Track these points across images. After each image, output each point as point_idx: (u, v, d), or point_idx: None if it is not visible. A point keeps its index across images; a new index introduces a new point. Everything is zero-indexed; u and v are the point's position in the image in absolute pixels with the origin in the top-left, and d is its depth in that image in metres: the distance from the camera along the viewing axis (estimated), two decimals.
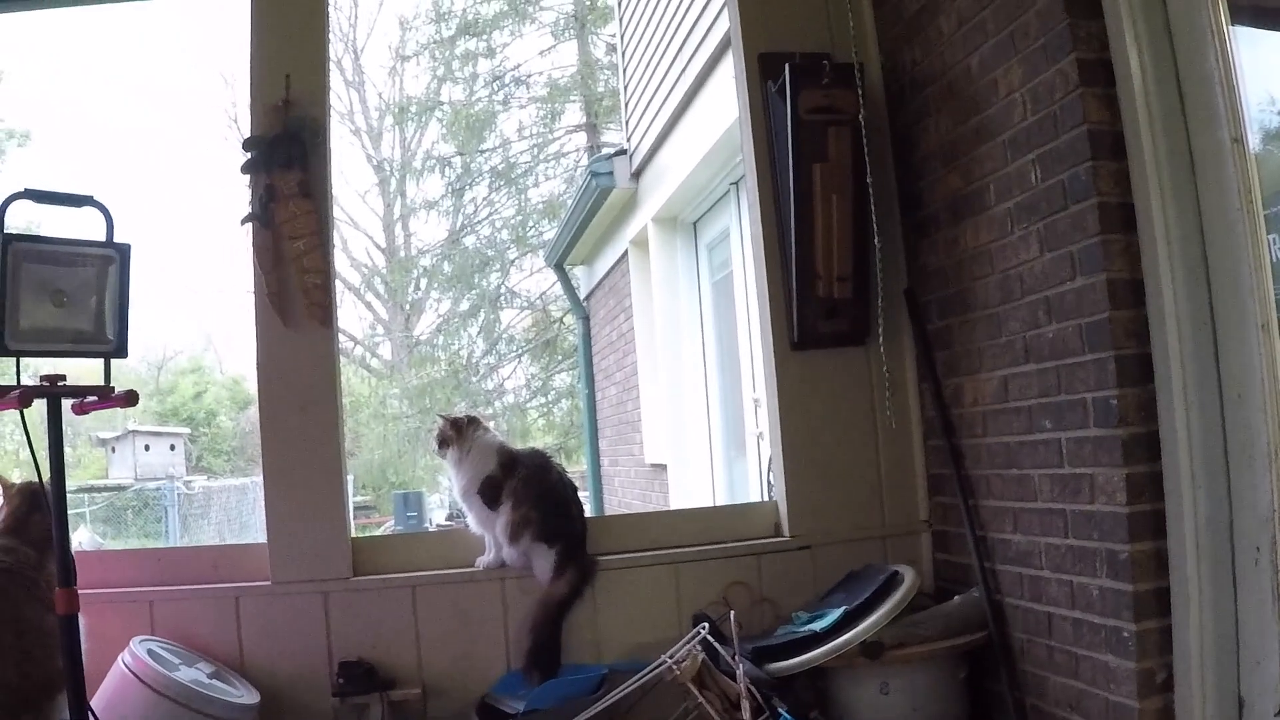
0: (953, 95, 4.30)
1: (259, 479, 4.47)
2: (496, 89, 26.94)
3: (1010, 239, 3.99)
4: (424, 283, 28.63)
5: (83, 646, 3.35)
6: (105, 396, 3.45)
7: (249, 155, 4.47)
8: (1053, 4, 3.64)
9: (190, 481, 19.94)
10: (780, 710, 3.78)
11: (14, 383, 3.28)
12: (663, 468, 10.68)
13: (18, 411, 3.25)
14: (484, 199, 27.34)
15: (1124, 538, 3.54)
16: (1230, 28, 3.41)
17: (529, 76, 26.83)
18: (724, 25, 6.78)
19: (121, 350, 3.44)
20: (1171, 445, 3.48)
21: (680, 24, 8.86)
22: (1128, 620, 3.55)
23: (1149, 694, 3.55)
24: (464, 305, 27.56)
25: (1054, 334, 3.79)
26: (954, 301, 4.41)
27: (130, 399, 3.46)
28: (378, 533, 16.74)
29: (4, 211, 3.28)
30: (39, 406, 3.32)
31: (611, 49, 23.16)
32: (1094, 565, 3.68)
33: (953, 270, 4.40)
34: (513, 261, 27.08)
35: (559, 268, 15.12)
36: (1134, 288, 3.53)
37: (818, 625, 4.18)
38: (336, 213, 4.60)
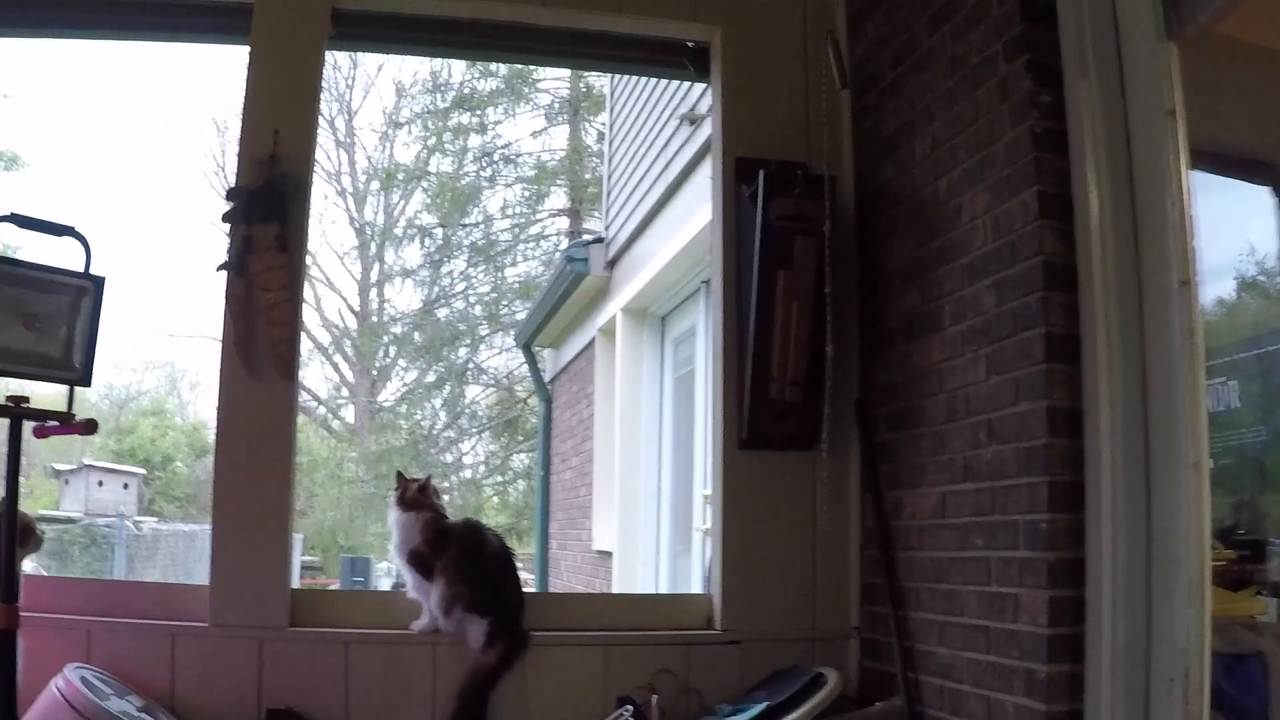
0: (920, 215, 4.41)
1: (209, 528, 4.51)
2: (485, 165, 27.10)
3: (960, 360, 4.08)
4: (393, 350, 28.65)
5: (18, 667, 3.40)
6: (66, 422, 3.50)
7: (231, 205, 4.54)
8: (1021, 137, 3.76)
9: (140, 522, 19.81)
10: None
11: None
12: (609, 555, 10.71)
13: None
14: (461, 273, 27.44)
15: (1043, 658, 3.59)
16: (1189, 173, 3.53)
17: (518, 156, 27.02)
18: (708, 129, 6.92)
19: (86, 379, 3.51)
20: (1096, 572, 3.54)
21: (667, 122, 9.01)
22: None
23: None
24: (430, 376, 27.56)
25: (992, 455, 3.87)
26: (902, 416, 4.50)
27: (90, 427, 3.52)
28: None
29: None
30: None
31: (601, 137, 23.38)
32: (1012, 683, 3.73)
33: (903, 385, 4.49)
34: (483, 338, 27.14)
35: (527, 349, 15.20)
36: (1073, 417, 3.61)
37: (738, 718, 4.23)
38: (313, 271, 4.74)
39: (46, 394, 3.69)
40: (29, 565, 3.88)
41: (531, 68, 26.23)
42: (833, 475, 4.73)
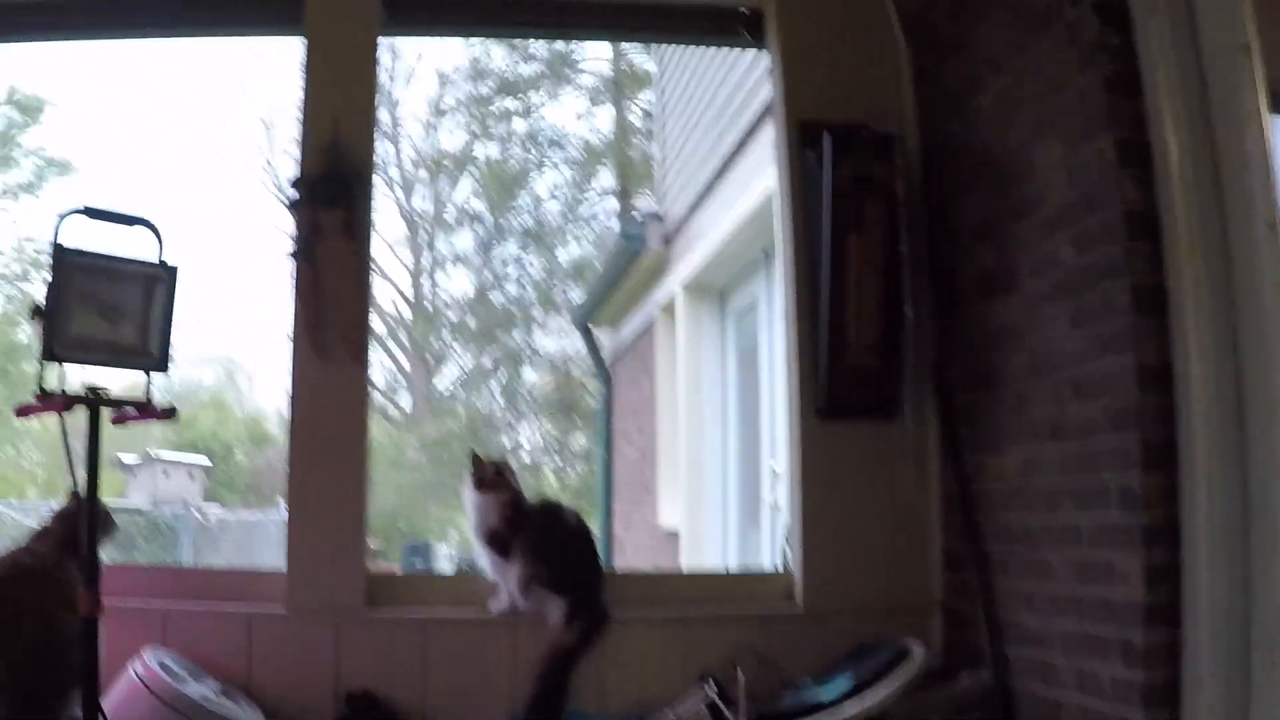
0: (990, 171, 4.31)
1: (273, 515, 4.52)
2: (531, 148, 27.10)
3: (1041, 317, 3.98)
4: (448, 336, 28.73)
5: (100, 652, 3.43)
6: (145, 410, 3.56)
7: (295, 193, 4.56)
8: (1092, 82, 3.66)
9: (206, 511, 20.02)
10: None
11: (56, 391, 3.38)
12: (675, 535, 10.65)
13: (58, 418, 3.38)
14: (512, 257, 27.47)
15: (1139, 626, 3.49)
16: (1270, 114, 3.42)
17: (564, 138, 27.01)
18: (765, 93, 6.83)
19: (163, 365, 3.57)
20: (1192, 533, 3.45)
21: (719, 91, 8.92)
22: (1136, 710, 3.50)
23: None
24: (487, 361, 27.63)
25: (1079, 414, 3.77)
26: (981, 377, 4.40)
27: (169, 413, 3.60)
28: None
29: (59, 226, 3.38)
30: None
31: (647, 115, 23.30)
32: (1106, 653, 3.64)
33: (981, 346, 4.39)
34: (537, 321, 27.17)
35: (585, 328, 15.16)
36: (1163, 371, 3.50)
37: (824, 694, 4.15)
38: None
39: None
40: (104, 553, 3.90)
41: (572, 49, 26.26)
42: (912, 441, 4.64)
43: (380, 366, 28.08)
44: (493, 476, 4.55)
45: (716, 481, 10.00)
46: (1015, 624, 4.17)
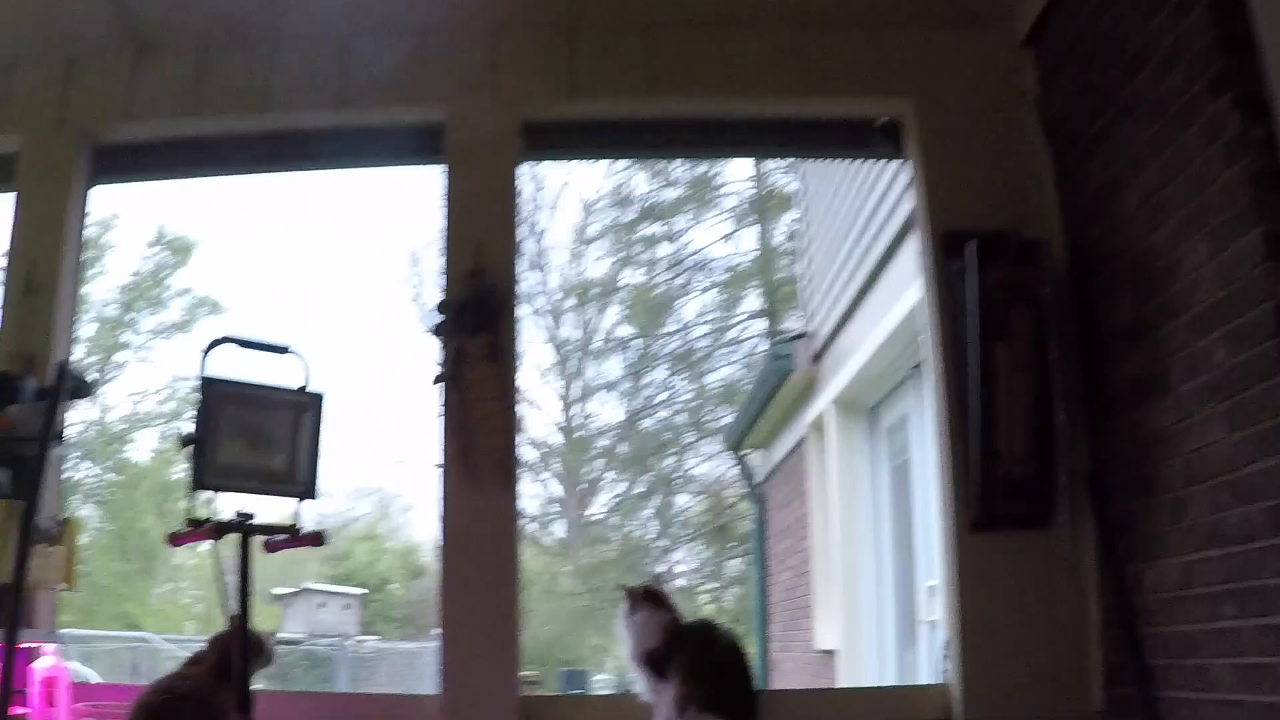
0: (1137, 272, 4.24)
1: (428, 645, 4.58)
2: (677, 273, 27.27)
3: (1195, 420, 3.88)
4: (600, 463, 28.83)
5: None
6: (295, 536, 3.60)
7: (440, 318, 4.65)
8: (1237, 177, 3.59)
9: (362, 640, 20.20)
10: None
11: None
12: (832, 654, 10.53)
13: (211, 546, 3.44)
14: (662, 382, 27.57)
15: None
16: None
17: (710, 261, 27.15)
18: (906, 207, 6.82)
19: (312, 491, 3.63)
20: None
21: (862, 206, 8.92)
22: None
23: None
24: (639, 487, 27.67)
25: (1238, 518, 3.67)
26: (1136, 484, 4.30)
27: (318, 539, 3.64)
28: None
29: (207, 355, 3.47)
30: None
31: (791, 235, 23.37)
32: None
33: (1135, 452, 4.30)
34: (689, 445, 27.17)
35: (736, 451, 15.15)
36: None
37: None
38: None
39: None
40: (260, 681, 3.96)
41: (715, 173, 26.48)
42: (1069, 551, 4.54)
43: (533, 495, 28.26)
44: (647, 596, 4.56)
45: (872, 600, 9.88)
46: None
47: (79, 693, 4.58)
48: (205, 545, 3.51)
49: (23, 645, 4.25)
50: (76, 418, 25.03)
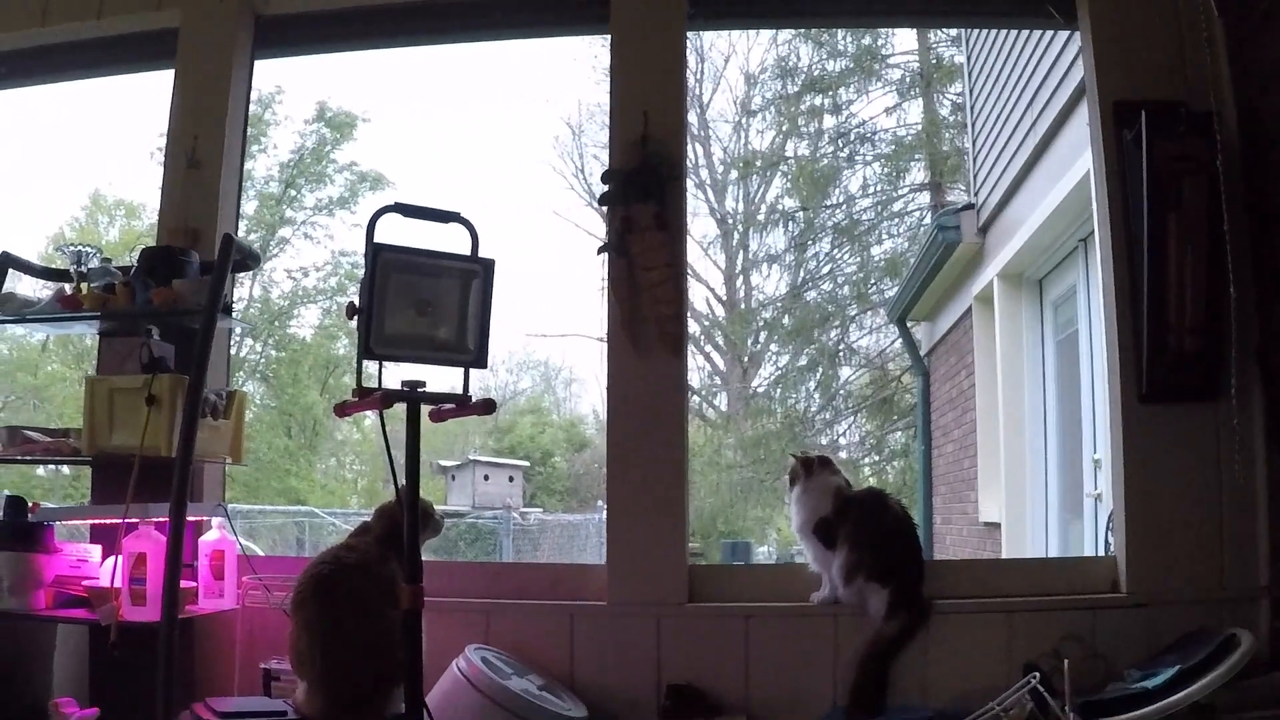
0: None
1: (592, 516, 4.64)
2: (841, 145, 26.94)
3: None
4: (763, 336, 28.78)
5: (423, 647, 3.50)
6: (463, 404, 3.57)
7: (608, 188, 4.69)
8: None
9: (526, 513, 20.43)
10: None
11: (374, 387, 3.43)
12: (996, 527, 10.52)
13: (378, 415, 3.42)
14: (826, 254, 27.35)
15: None
16: None
17: (874, 134, 26.77)
18: (1077, 75, 6.71)
19: (481, 360, 3.55)
20: None
21: (1031, 76, 8.77)
22: None
23: None
24: (802, 360, 27.57)
25: None
26: None
27: (488, 407, 3.58)
28: None
29: (374, 224, 3.41)
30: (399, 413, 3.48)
31: (957, 108, 22.97)
32: None
33: None
34: (853, 318, 27.00)
35: (901, 323, 15.07)
36: None
37: (1149, 683, 4.06)
38: None
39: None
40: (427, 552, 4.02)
41: (880, 42, 26.03)
42: (1238, 425, 4.49)
43: (696, 368, 28.33)
44: (817, 464, 4.62)
45: (1037, 473, 9.83)
46: None
47: (245, 565, 4.74)
48: (371, 417, 3.51)
49: (190, 518, 4.31)
50: (241, 294, 25.38)
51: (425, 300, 3.45)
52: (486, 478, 20.24)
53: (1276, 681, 4.09)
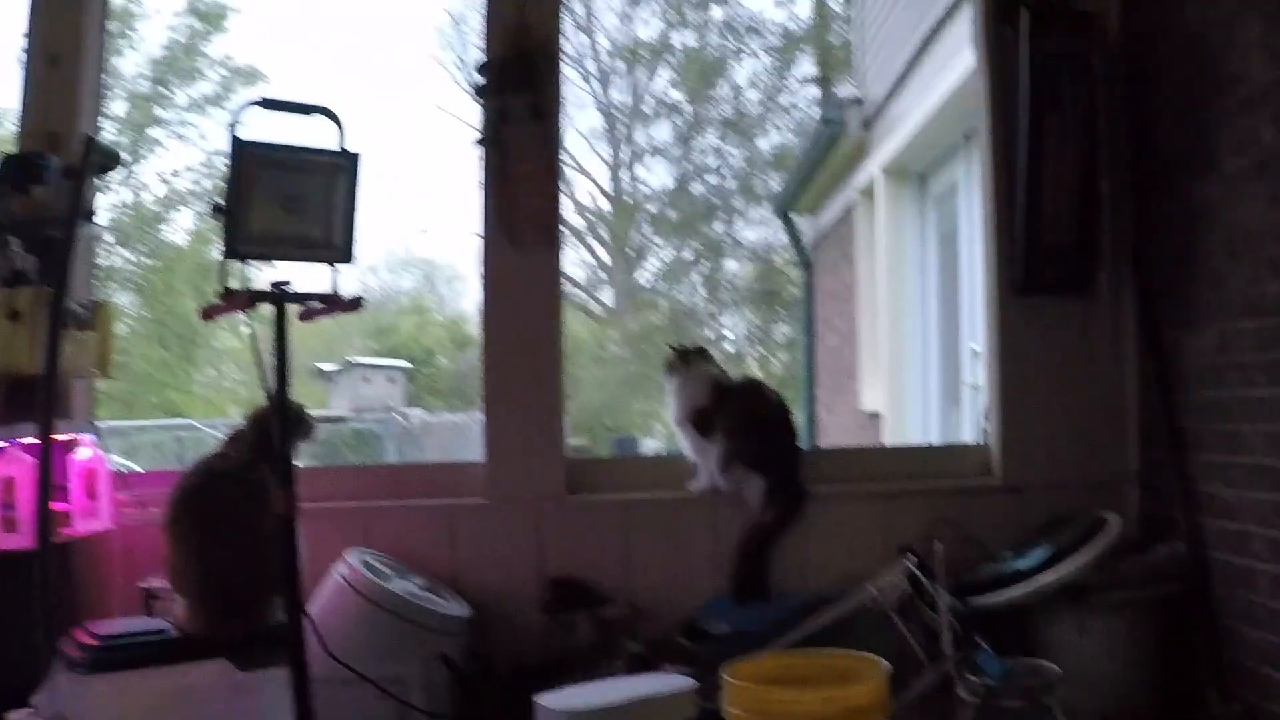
0: (1188, 49, 4.24)
1: (476, 416, 4.58)
2: (729, 36, 26.83)
3: (1239, 196, 3.95)
4: (648, 229, 28.71)
5: (301, 553, 3.44)
6: (331, 303, 3.46)
7: (482, 79, 4.60)
8: None
9: (408, 414, 20.17)
10: (980, 644, 3.82)
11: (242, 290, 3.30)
12: (877, 416, 10.69)
13: (246, 321, 3.33)
14: (713, 147, 27.31)
15: None
16: None
17: (763, 25, 26.67)
18: None
19: (348, 256, 3.44)
20: None
21: None
22: None
23: None
24: (687, 253, 27.58)
25: (1277, 291, 3.76)
26: (1178, 256, 4.37)
27: (355, 304, 3.49)
28: None
29: (237, 120, 3.28)
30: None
31: (847, 1, 22.95)
32: None
33: (1178, 225, 4.36)
34: (739, 211, 27.02)
35: (785, 216, 15.12)
36: None
37: (1022, 564, 4.22)
38: (562, 156, 4.69)
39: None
40: (303, 457, 3.94)
41: None
42: (1109, 318, 4.63)
43: (581, 262, 28.22)
44: (692, 356, 4.65)
45: (918, 363, 10.00)
46: (1209, 496, 4.19)
47: (120, 483, 4.55)
48: (243, 322, 3.38)
49: (59, 437, 4.10)
50: (108, 200, 24.56)
51: (291, 197, 3.32)
52: (367, 380, 19.97)
53: (1144, 562, 4.26)
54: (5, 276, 4.12)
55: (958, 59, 7.24)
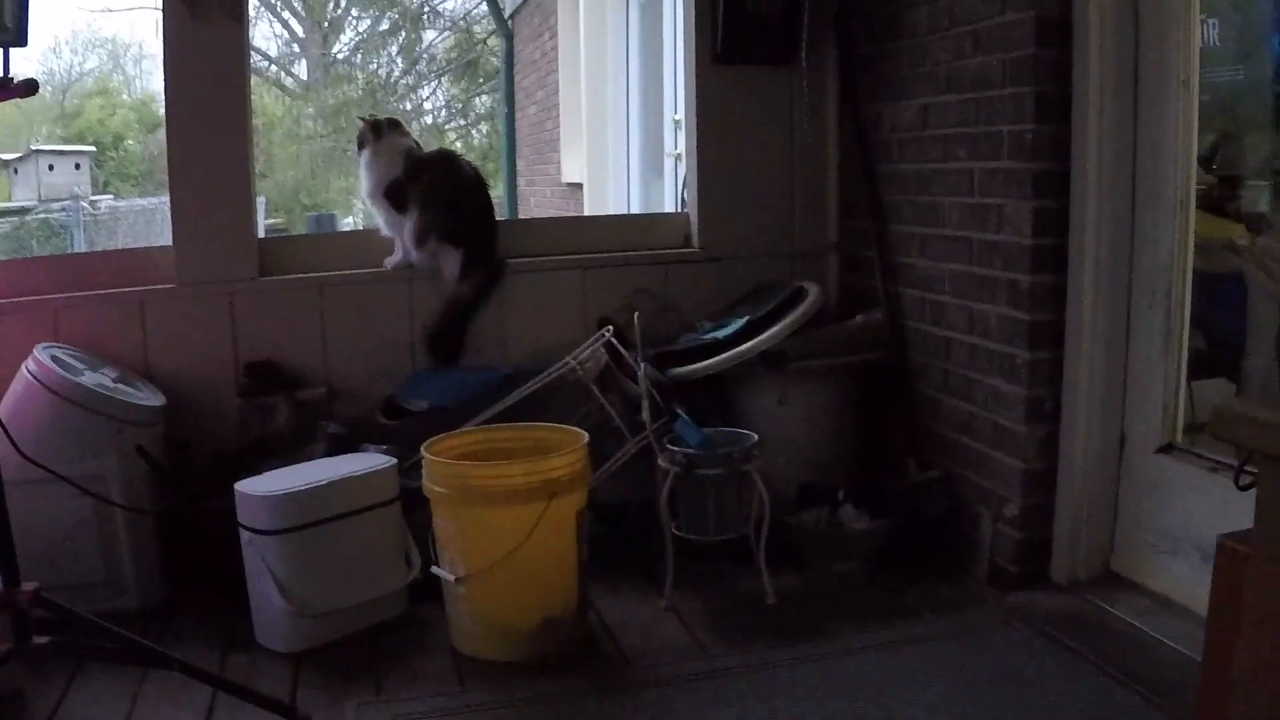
0: None
1: (168, 199, 4.36)
2: None
3: None
4: (343, 0, 27.95)
5: None
6: (4, 87, 3.17)
7: None
8: None
9: (96, 201, 19.39)
10: (679, 413, 3.85)
11: None
12: (578, 187, 10.65)
13: None
14: None
15: (1026, 268, 3.64)
16: None
17: None
18: None
19: (21, 39, 3.13)
20: (1081, 183, 3.57)
21: None
22: (1021, 348, 3.69)
23: (1036, 421, 3.71)
24: (384, 24, 27.00)
25: (977, 66, 3.81)
26: (881, 27, 4.39)
27: (30, 88, 3.18)
28: None
29: None
30: None
31: None
32: (994, 293, 3.78)
33: None
34: None
35: None
36: (1061, 27, 3.55)
37: (721, 333, 4.26)
38: None
39: None
40: None
41: None
42: (811, 89, 4.63)
43: (274, 36, 27.39)
44: (386, 129, 4.54)
45: (619, 133, 9.95)
46: (908, 266, 4.28)
47: None
48: None
49: None
50: None
51: None
52: (51, 168, 19.11)
53: (843, 331, 4.34)
54: None
55: None
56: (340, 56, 27.83)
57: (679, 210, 5.14)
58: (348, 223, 21.98)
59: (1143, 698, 3.00)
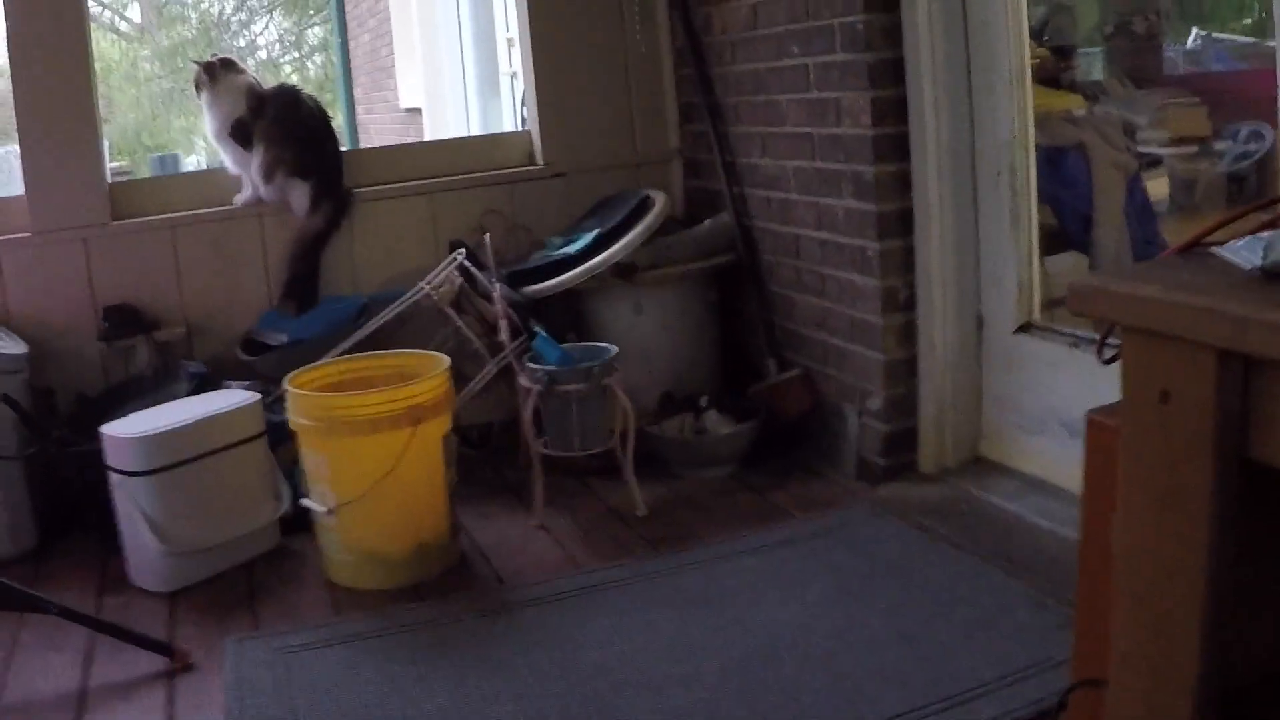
0: None
1: (14, 148, 4.30)
2: None
3: None
4: None
5: None
6: None
7: None
8: None
9: None
10: (537, 331, 3.85)
11: None
12: (417, 111, 10.55)
13: None
14: None
15: (869, 159, 3.66)
16: None
17: None
18: None
19: None
20: (915, 70, 3.58)
21: None
22: (871, 239, 3.71)
23: (892, 311, 3.74)
24: None
25: None
26: None
27: None
28: None
29: None
30: None
31: None
32: (840, 187, 3.80)
33: None
34: None
35: None
36: None
37: (571, 249, 4.25)
38: None
39: None
40: None
41: None
42: None
43: None
44: (222, 70, 4.47)
45: (454, 55, 9.84)
46: (751, 166, 4.30)
47: None
48: None
49: None
50: None
51: None
52: None
53: (692, 237, 4.35)
54: None
55: None
56: None
57: (520, 129, 5.12)
58: (191, 161, 21.61)
59: (1020, 579, 3.04)
